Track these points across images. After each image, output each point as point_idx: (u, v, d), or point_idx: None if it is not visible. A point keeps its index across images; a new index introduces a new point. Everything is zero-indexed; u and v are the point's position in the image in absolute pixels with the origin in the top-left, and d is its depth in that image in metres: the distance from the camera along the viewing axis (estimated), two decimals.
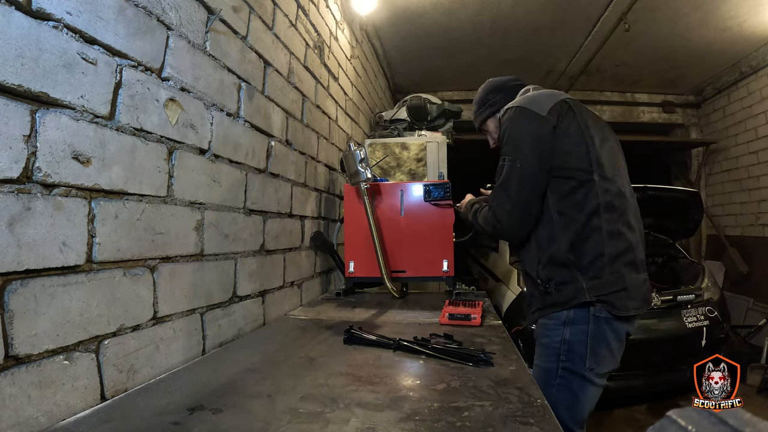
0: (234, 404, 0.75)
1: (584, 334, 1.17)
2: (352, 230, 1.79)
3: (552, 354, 1.21)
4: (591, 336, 1.17)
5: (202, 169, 1.07)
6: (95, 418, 0.69)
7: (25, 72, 0.63)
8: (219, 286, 1.14)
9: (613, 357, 1.21)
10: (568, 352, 1.19)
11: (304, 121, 1.78)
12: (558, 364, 1.20)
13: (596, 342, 1.17)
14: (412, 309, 1.63)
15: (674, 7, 3.13)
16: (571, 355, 1.18)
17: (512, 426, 0.65)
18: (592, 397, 1.21)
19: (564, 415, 1.17)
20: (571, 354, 1.18)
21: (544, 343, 1.24)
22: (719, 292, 3.06)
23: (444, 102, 2.91)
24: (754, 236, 4.20)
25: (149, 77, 0.89)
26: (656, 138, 5.16)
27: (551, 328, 1.22)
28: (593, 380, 1.18)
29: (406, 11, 3.21)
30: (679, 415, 0.29)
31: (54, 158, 0.68)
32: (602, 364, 1.18)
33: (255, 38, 1.34)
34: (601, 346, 1.18)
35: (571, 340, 1.18)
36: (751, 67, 4.06)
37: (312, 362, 0.98)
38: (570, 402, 1.19)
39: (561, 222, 1.21)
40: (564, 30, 3.50)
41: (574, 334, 1.18)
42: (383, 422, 0.67)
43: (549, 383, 1.20)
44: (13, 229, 0.61)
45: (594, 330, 1.17)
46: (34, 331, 0.64)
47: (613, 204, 1.21)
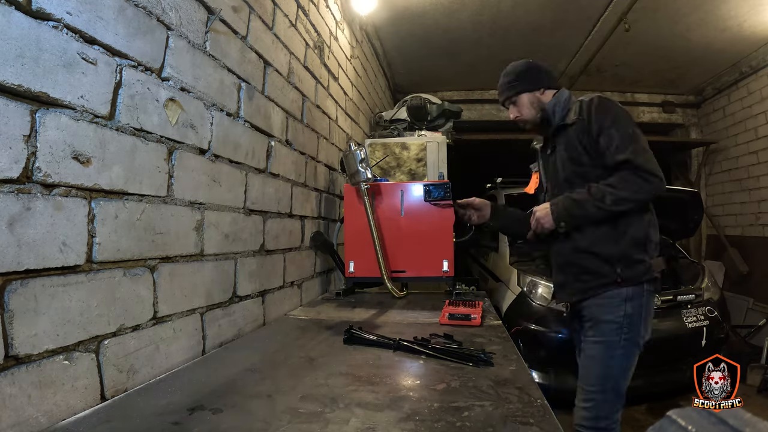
0: (234, 404, 0.75)
1: (641, 307, 1.39)
2: (352, 230, 1.79)
3: (615, 328, 1.39)
4: (645, 310, 1.40)
5: (202, 169, 1.07)
6: (95, 418, 0.69)
7: (25, 72, 0.63)
8: (219, 286, 1.14)
9: (650, 327, 1.44)
10: (630, 324, 1.38)
11: (304, 121, 1.78)
12: (621, 336, 1.38)
13: (648, 315, 1.41)
14: (412, 309, 1.63)
15: (674, 7, 3.13)
16: (633, 327, 1.38)
17: (512, 426, 0.65)
18: (636, 361, 1.42)
19: (621, 380, 1.39)
20: (632, 326, 1.38)
21: (606, 319, 1.40)
22: (719, 292, 3.06)
23: (444, 102, 2.91)
24: (754, 236, 4.20)
25: (149, 77, 0.89)
26: (656, 138, 5.15)
27: (614, 305, 1.40)
28: (642, 347, 1.41)
29: (406, 11, 3.21)
30: (679, 415, 0.29)
31: (54, 158, 0.68)
32: (648, 332, 1.42)
33: (255, 38, 1.34)
34: (650, 318, 1.43)
35: (633, 313, 1.38)
36: (751, 67, 4.06)
37: (312, 362, 0.98)
38: (627, 367, 1.40)
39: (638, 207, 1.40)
40: (564, 30, 3.50)
41: (635, 308, 1.38)
42: (383, 422, 0.67)
43: (610, 354, 1.39)
44: (13, 229, 0.61)
45: (646, 304, 1.40)
46: (34, 331, 0.64)
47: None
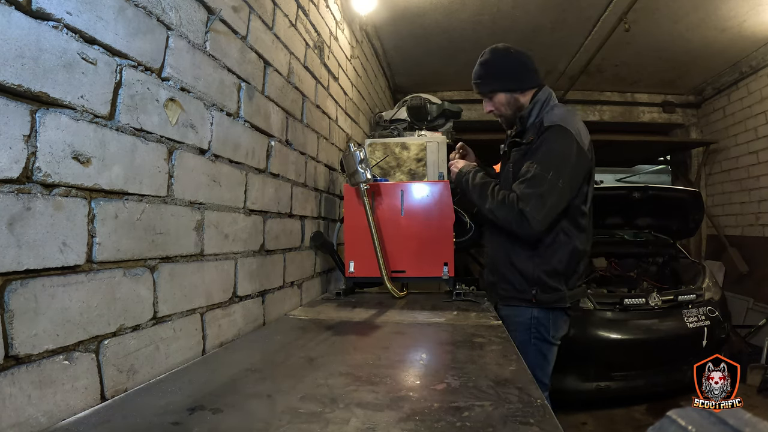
0: (234, 404, 0.75)
1: (548, 319, 1.52)
2: (352, 230, 1.79)
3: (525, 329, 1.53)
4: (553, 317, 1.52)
5: (202, 169, 1.07)
6: (95, 418, 0.69)
7: (25, 72, 0.63)
8: (219, 286, 1.14)
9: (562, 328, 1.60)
10: (538, 326, 1.52)
11: (304, 121, 1.78)
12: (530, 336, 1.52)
13: (557, 319, 1.54)
14: (412, 309, 1.63)
15: (674, 7, 3.13)
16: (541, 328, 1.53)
17: (512, 426, 0.65)
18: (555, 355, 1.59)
19: (538, 371, 1.49)
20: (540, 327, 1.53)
21: (517, 321, 1.53)
22: (720, 292, 3.06)
23: (444, 102, 2.90)
24: (754, 236, 4.19)
25: (149, 77, 0.89)
26: (656, 138, 5.15)
27: (522, 312, 1.52)
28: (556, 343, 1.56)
29: (406, 11, 3.21)
30: (679, 415, 0.29)
31: (54, 158, 0.68)
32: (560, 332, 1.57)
33: (255, 38, 1.34)
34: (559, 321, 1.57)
35: (540, 317, 1.51)
36: (751, 67, 4.06)
37: (312, 362, 0.98)
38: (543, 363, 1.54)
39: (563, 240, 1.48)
40: (564, 30, 3.50)
41: (542, 316, 1.51)
42: (383, 422, 0.67)
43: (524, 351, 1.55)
44: (13, 229, 0.61)
45: (554, 318, 1.52)
46: (34, 331, 0.64)
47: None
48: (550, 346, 1.52)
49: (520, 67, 1.51)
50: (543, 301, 1.48)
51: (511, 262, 1.54)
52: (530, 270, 1.49)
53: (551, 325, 1.50)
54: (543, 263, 1.48)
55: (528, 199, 1.38)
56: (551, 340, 1.51)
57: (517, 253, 1.52)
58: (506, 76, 1.51)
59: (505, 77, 1.51)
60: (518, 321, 1.52)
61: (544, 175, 1.38)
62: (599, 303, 2.64)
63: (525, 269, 1.50)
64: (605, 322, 2.62)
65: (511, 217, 1.42)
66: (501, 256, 1.58)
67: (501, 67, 1.52)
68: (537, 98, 1.52)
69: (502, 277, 1.58)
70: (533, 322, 1.49)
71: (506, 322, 1.52)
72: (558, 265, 1.47)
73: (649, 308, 2.69)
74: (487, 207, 1.50)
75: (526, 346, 1.47)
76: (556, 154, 1.40)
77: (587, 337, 2.56)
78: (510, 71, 1.51)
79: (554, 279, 1.48)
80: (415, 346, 1.17)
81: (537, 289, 1.48)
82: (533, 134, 1.46)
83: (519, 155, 1.51)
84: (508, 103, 1.53)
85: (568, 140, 1.41)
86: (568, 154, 1.40)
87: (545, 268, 1.48)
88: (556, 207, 1.40)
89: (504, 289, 1.57)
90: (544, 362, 1.52)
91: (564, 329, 1.56)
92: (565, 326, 1.57)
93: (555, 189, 1.38)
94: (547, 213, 1.39)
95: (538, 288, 1.48)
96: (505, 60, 1.52)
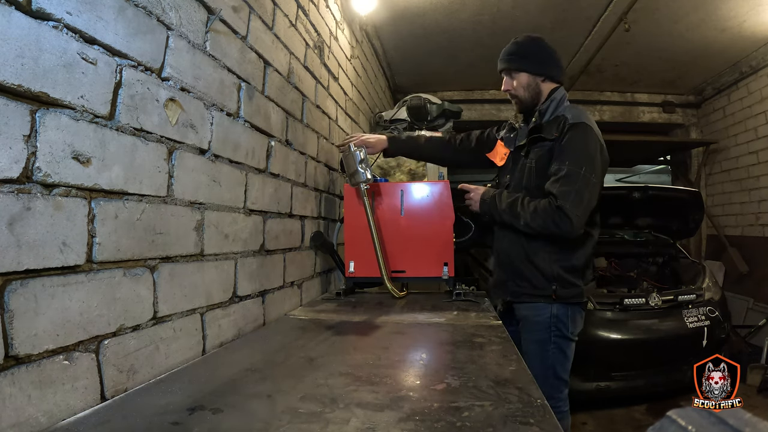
0: (234, 404, 0.75)
1: (566, 315, 1.55)
2: (352, 230, 1.79)
3: (544, 327, 1.55)
4: (571, 313, 1.55)
5: (202, 169, 1.07)
6: (95, 418, 0.69)
7: (25, 72, 0.63)
8: (219, 286, 1.14)
9: (580, 324, 1.63)
10: (558, 323, 1.54)
11: (304, 121, 1.78)
12: (551, 334, 1.55)
13: (575, 314, 1.57)
14: (412, 309, 1.63)
15: (674, 7, 3.13)
16: (561, 325, 1.56)
17: (512, 426, 0.65)
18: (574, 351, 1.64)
19: (559, 367, 1.55)
20: (560, 324, 1.56)
21: (536, 320, 1.54)
22: (720, 292, 3.06)
23: (444, 102, 2.91)
24: (754, 236, 4.19)
25: (149, 77, 0.89)
26: (656, 138, 5.15)
27: (540, 309, 1.54)
28: (575, 339, 1.58)
29: (406, 11, 3.21)
30: (679, 415, 0.29)
31: (54, 158, 0.68)
32: (578, 327, 1.60)
33: (255, 38, 1.34)
34: (577, 317, 1.60)
35: (559, 314, 1.53)
36: (751, 67, 4.06)
37: (312, 362, 0.98)
38: (563, 359, 1.58)
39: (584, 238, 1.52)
40: (564, 30, 3.50)
41: (561, 312, 1.54)
42: (383, 422, 0.67)
43: (546, 349, 1.55)
44: (13, 229, 0.61)
45: (572, 314, 1.55)
46: (34, 331, 0.64)
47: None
48: (569, 343, 1.54)
49: (550, 57, 1.59)
50: (562, 296, 1.50)
51: (528, 259, 1.54)
52: (549, 266, 1.51)
53: (570, 321, 1.52)
54: (563, 259, 1.50)
55: (566, 196, 1.40)
56: (570, 336, 1.53)
57: (535, 250, 1.53)
58: (536, 60, 1.57)
59: (535, 60, 1.57)
60: (537, 321, 1.54)
61: (578, 171, 1.41)
62: (599, 303, 2.64)
63: (543, 266, 1.51)
64: (605, 322, 2.61)
65: (549, 221, 1.43)
66: (516, 253, 1.58)
67: (534, 51, 1.58)
68: (554, 96, 1.56)
69: (517, 274, 1.58)
70: (553, 320, 1.51)
71: (524, 323, 1.57)
72: (577, 261, 1.51)
73: (649, 308, 2.69)
74: (522, 224, 1.50)
75: (546, 345, 1.51)
76: (587, 152, 1.44)
77: (587, 337, 2.55)
78: (541, 56, 1.57)
79: (572, 274, 1.51)
80: (415, 346, 1.17)
81: (557, 285, 1.50)
82: (556, 130, 1.48)
83: (543, 151, 1.52)
84: (529, 85, 1.57)
85: (594, 137, 1.46)
86: (597, 151, 1.46)
87: (564, 265, 1.50)
88: (591, 202, 1.44)
89: (519, 285, 1.58)
90: (564, 359, 1.54)
91: (581, 325, 1.58)
92: (582, 322, 1.59)
93: (589, 184, 1.42)
94: (585, 208, 1.42)
95: (558, 284, 1.50)
96: (538, 46, 1.59)
